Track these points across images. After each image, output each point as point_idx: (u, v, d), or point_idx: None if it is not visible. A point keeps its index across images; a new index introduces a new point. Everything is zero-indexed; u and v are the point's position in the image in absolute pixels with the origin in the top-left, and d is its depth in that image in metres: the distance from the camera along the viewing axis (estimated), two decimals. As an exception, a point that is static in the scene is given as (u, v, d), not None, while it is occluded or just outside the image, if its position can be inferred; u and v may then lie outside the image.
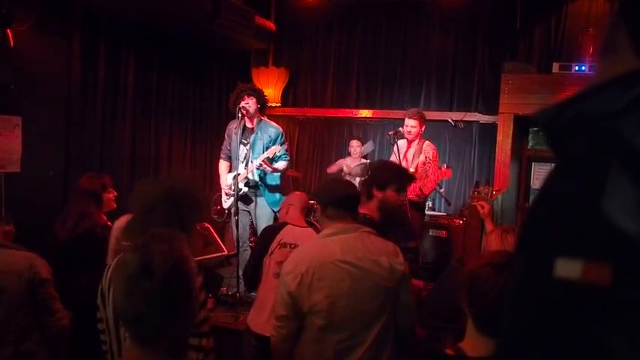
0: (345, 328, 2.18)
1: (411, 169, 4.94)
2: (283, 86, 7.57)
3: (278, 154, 4.78)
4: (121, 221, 2.45)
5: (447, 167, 5.05)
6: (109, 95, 5.43)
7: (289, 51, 7.75)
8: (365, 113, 7.36)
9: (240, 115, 4.72)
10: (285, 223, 3.33)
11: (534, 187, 6.41)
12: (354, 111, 7.42)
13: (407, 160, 5.00)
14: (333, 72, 7.56)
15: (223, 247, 5.82)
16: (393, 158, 4.95)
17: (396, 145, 4.92)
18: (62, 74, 4.89)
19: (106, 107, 5.41)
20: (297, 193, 3.94)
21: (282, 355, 2.32)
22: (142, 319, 1.20)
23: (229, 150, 5.05)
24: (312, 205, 6.16)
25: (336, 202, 2.33)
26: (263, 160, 4.66)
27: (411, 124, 4.99)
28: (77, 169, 4.97)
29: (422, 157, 5.01)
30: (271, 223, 4.96)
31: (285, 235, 3.20)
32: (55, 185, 4.76)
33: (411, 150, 5.07)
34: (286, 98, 7.72)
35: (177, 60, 6.28)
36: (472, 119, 6.73)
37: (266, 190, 4.92)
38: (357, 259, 2.20)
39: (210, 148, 6.90)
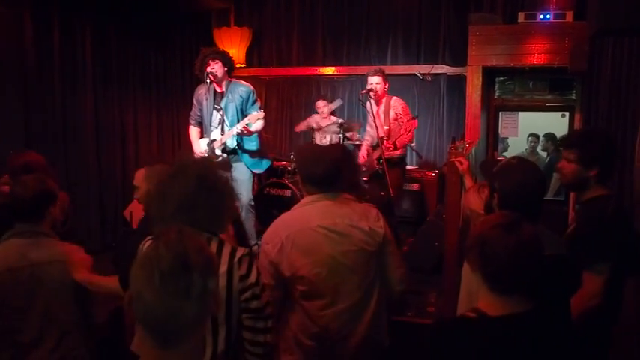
0: (327, 293, 2.21)
1: (385, 128, 4.97)
2: (247, 46, 7.37)
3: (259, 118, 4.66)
4: None
5: (412, 118, 5.08)
6: (66, 66, 5.19)
7: (250, 9, 7.52)
8: (331, 70, 7.26)
9: (208, 80, 4.60)
10: None
11: (502, 135, 6.53)
12: (320, 68, 7.30)
13: (379, 118, 4.99)
14: (298, 29, 7.39)
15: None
16: (370, 118, 4.97)
17: (368, 103, 4.91)
18: (14, 48, 4.65)
19: (65, 79, 5.18)
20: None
21: None
22: (174, 319, 1.13)
23: (199, 116, 4.93)
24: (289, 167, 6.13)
25: (314, 181, 2.31)
26: (243, 127, 4.58)
27: (375, 81, 4.99)
28: (39, 147, 4.80)
29: (392, 114, 5.02)
30: (251, 185, 4.95)
31: None
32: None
33: (381, 108, 5.07)
34: (251, 58, 7.53)
35: (135, 24, 6.02)
36: (440, 71, 6.72)
37: (245, 154, 4.84)
38: (335, 224, 2.22)
39: (176, 114, 6.74)
